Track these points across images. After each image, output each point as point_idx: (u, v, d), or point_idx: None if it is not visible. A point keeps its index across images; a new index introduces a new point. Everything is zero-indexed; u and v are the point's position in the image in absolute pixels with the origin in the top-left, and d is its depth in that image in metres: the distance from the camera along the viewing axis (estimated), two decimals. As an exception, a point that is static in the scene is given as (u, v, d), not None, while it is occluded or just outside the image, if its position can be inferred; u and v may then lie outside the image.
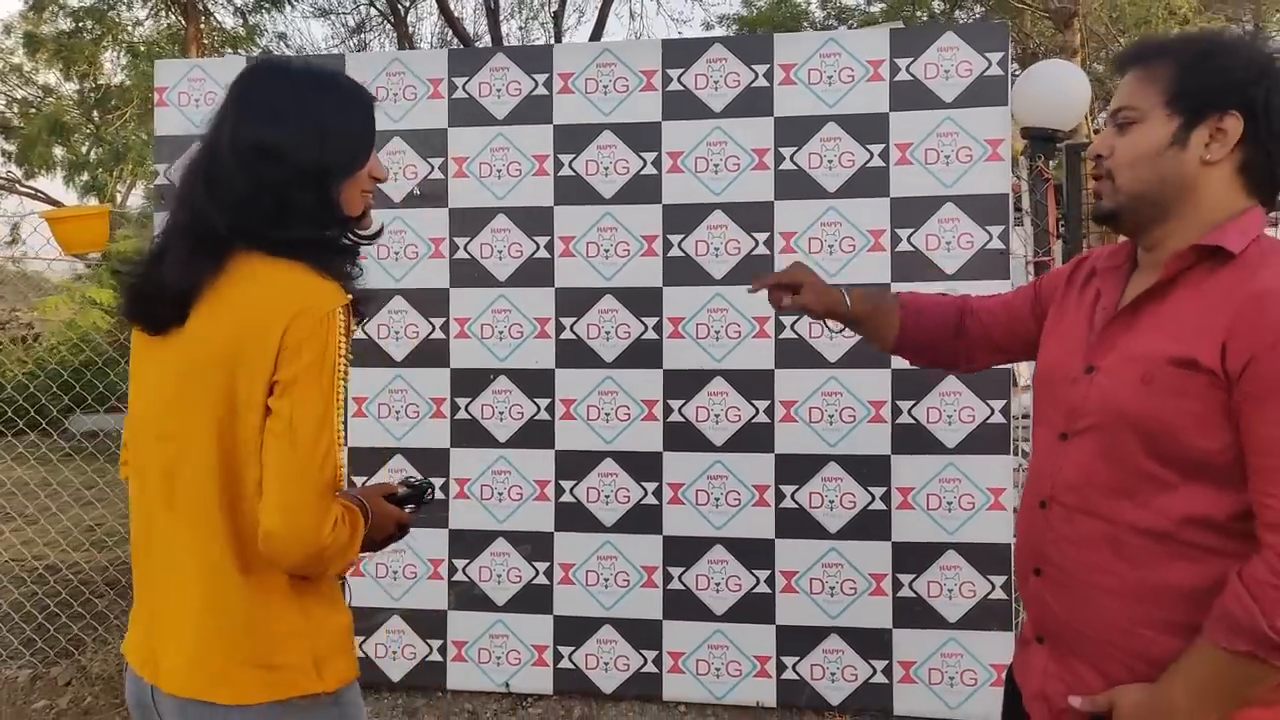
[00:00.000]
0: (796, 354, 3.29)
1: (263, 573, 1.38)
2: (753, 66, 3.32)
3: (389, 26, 17.62)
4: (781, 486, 3.31)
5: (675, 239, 3.37)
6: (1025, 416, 3.40)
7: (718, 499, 3.36)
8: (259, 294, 1.37)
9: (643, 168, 3.39)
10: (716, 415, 3.35)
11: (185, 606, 1.40)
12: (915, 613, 3.24)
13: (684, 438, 3.37)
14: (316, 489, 1.32)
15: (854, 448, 3.27)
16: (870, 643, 3.27)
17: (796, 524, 3.30)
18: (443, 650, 3.49)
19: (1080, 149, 3.57)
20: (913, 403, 3.23)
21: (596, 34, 15.50)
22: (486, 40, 15.93)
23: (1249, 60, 1.31)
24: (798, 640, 3.31)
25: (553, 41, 15.65)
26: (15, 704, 3.56)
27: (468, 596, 3.48)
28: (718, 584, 3.36)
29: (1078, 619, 1.38)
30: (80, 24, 17.26)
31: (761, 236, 3.32)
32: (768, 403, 3.31)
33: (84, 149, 20.77)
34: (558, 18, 16.35)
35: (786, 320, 3.29)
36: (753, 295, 1.98)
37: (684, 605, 3.37)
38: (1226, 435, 1.23)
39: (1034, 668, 1.46)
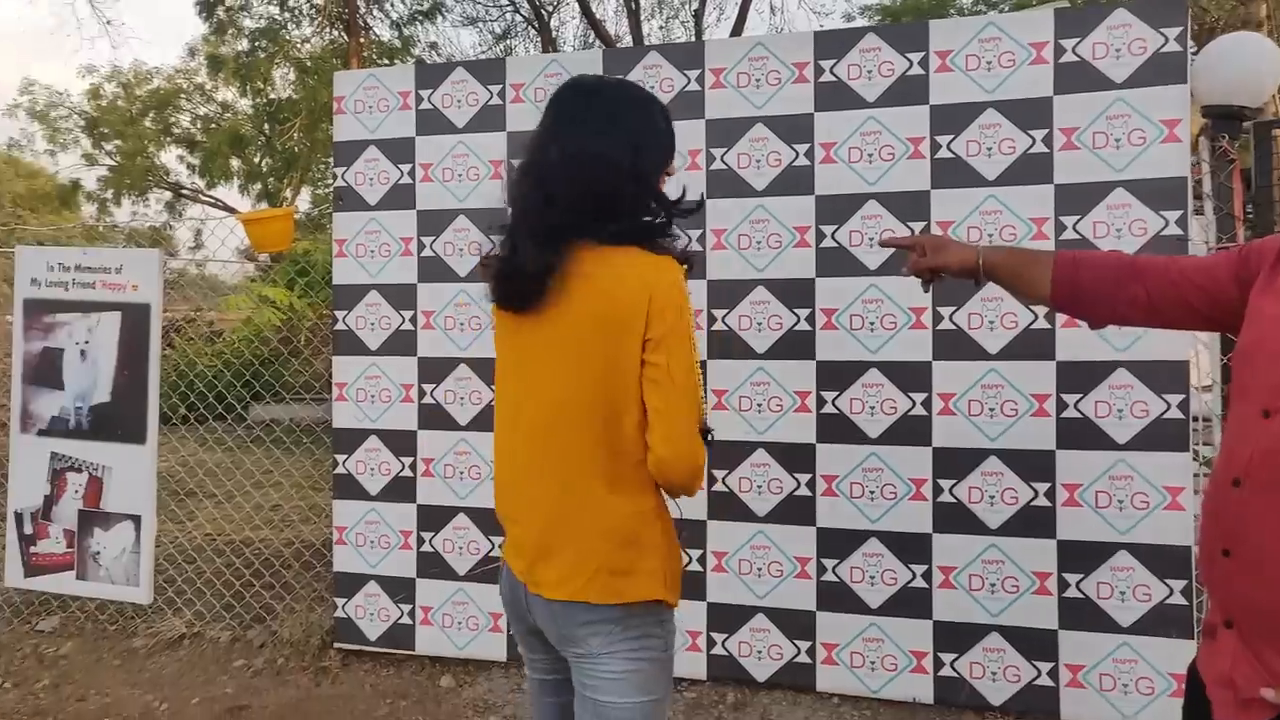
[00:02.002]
0: (955, 346, 3.24)
1: (633, 498, 1.68)
2: (907, 55, 3.29)
3: (533, 32, 18.08)
4: (939, 480, 3.26)
5: (828, 230, 3.37)
6: (1204, 419, 3.25)
7: (873, 492, 3.33)
8: (618, 274, 1.65)
9: (795, 159, 3.40)
10: (871, 407, 3.33)
11: (577, 527, 1.69)
12: (1084, 614, 3.13)
13: (838, 430, 3.36)
14: (692, 421, 1.64)
15: (1016, 442, 3.19)
16: (1034, 643, 3.18)
17: (955, 519, 3.24)
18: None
19: (1273, 126, 3.37)
20: (1079, 396, 3.12)
21: (737, 30, 15.46)
22: (628, 41, 16.11)
23: None
24: (956, 637, 3.25)
25: (693, 39, 15.70)
26: (219, 661, 3.90)
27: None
28: (872, 577, 3.34)
29: (1270, 601, 1.32)
30: (255, 44, 18.42)
31: (917, 226, 3.27)
32: (925, 395, 3.27)
33: (257, 159, 22.19)
34: (698, 16, 16.40)
35: (945, 311, 3.23)
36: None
37: (838, 597, 3.37)
38: None
39: (1220, 653, 1.41)
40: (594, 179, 1.66)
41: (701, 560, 3.50)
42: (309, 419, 8.82)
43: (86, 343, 3.74)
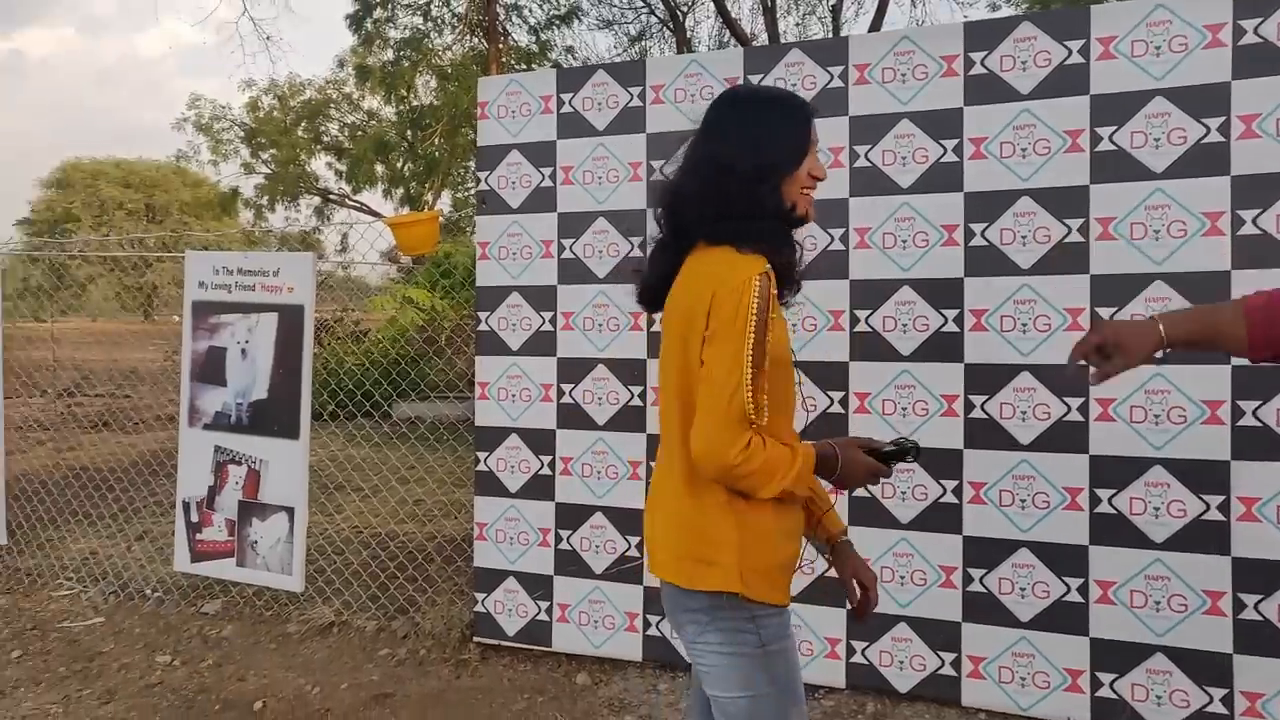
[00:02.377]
0: (1115, 348, 3.06)
1: (700, 492, 1.75)
2: (1065, 43, 3.13)
3: (668, 33, 18.12)
4: (1097, 490, 3.09)
5: (978, 228, 3.24)
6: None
7: (1024, 500, 3.19)
8: (700, 275, 1.74)
9: (943, 155, 3.28)
10: (1023, 412, 3.19)
11: (665, 513, 1.83)
12: (1263, 638, 2.92)
13: (987, 435, 3.23)
14: (724, 418, 1.64)
15: (1184, 451, 2.99)
16: (1205, 666, 2.98)
17: (1114, 531, 3.07)
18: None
19: None
20: (1259, 403, 2.91)
21: (876, 24, 15.11)
22: (763, 39, 15.98)
23: None
24: (1116, 656, 3.08)
25: (830, 35, 15.43)
26: (365, 649, 4.05)
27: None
28: (1023, 589, 3.19)
29: None
30: (400, 53, 19.11)
31: (1074, 224, 3.12)
32: (1081, 400, 3.11)
33: (400, 164, 23.03)
34: (836, 11, 16.11)
35: (1105, 312, 3.07)
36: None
37: (985, 609, 3.24)
38: None
39: None
40: (707, 182, 1.75)
41: (841, 566, 3.42)
42: (451, 417, 9.08)
43: (247, 342, 3.95)
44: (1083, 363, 1.70)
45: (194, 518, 4.05)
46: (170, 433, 8.25)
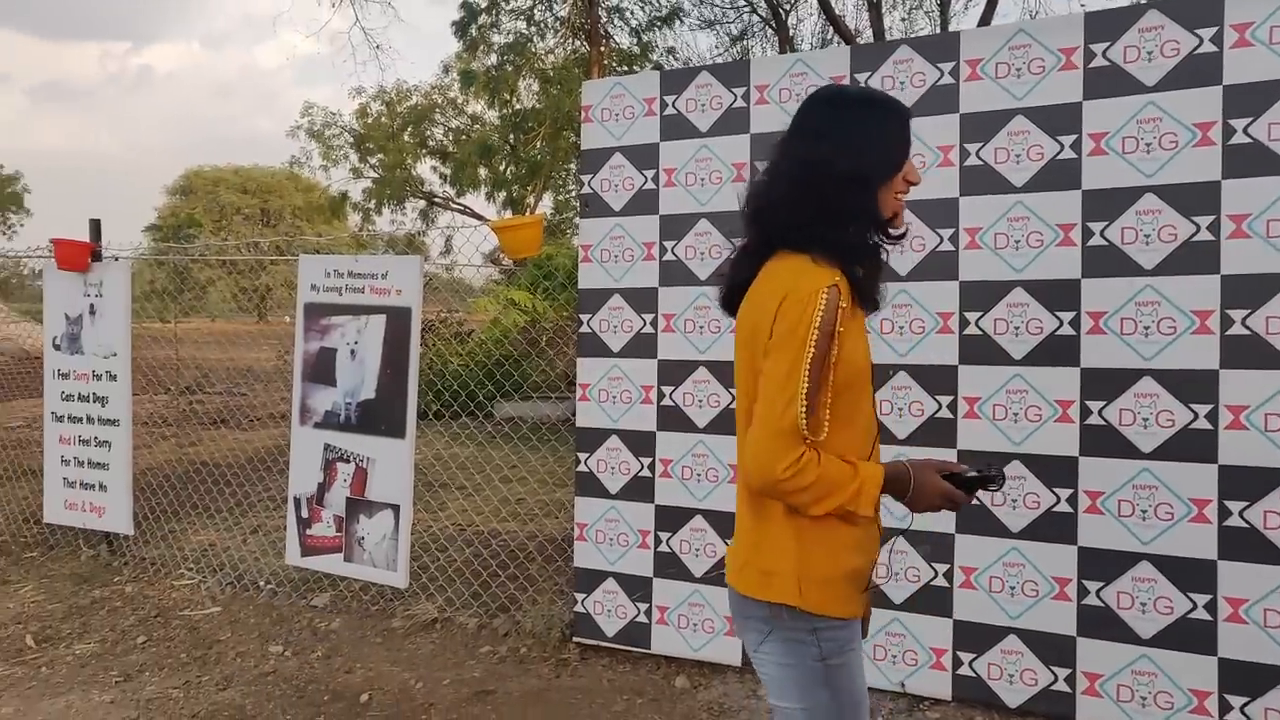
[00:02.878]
0: (1248, 352, 2.90)
1: (760, 501, 1.73)
2: (1196, 31, 2.98)
3: (769, 31, 17.97)
4: (1227, 503, 2.93)
5: (1096, 227, 3.11)
6: None
7: (1144, 511, 3.05)
8: (770, 284, 1.70)
9: (1059, 152, 3.16)
10: (1145, 419, 3.05)
11: (738, 520, 1.84)
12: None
13: (1104, 442, 3.10)
14: (775, 431, 1.59)
15: (1323, 462, 2.82)
16: (1341, 690, 2.80)
17: (1246, 545, 2.90)
18: (838, 645, 3.49)
19: None
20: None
21: (986, 18, 14.68)
22: (868, 36, 15.70)
23: None
24: (1250, 677, 2.91)
25: (938, 30, 15.06)
26: (467, 645, 4.12)
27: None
28: (1143, 604, 3.05)
29: None
30: (504, 58, 19.44)
31: (1204, 221, 2.96)
32: (1210, 407, 2.95)
33: (502, 168, 23.44)
34: (944, 6, 15.72)
35: (1236, 315, 2.91)
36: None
37: (1102, 623, 3.10)
38: None
39: None
40: (799, 184, 1.68)
41: (948, 575, 3.33)
42: (551, 417, 9.18)
43: (356, 343, 4.06)
44: None
45: (304, 514, 4.18)
46: (281, 430, 8.56)
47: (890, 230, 1.75)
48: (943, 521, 3.31)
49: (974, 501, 1.84)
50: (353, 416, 4.06)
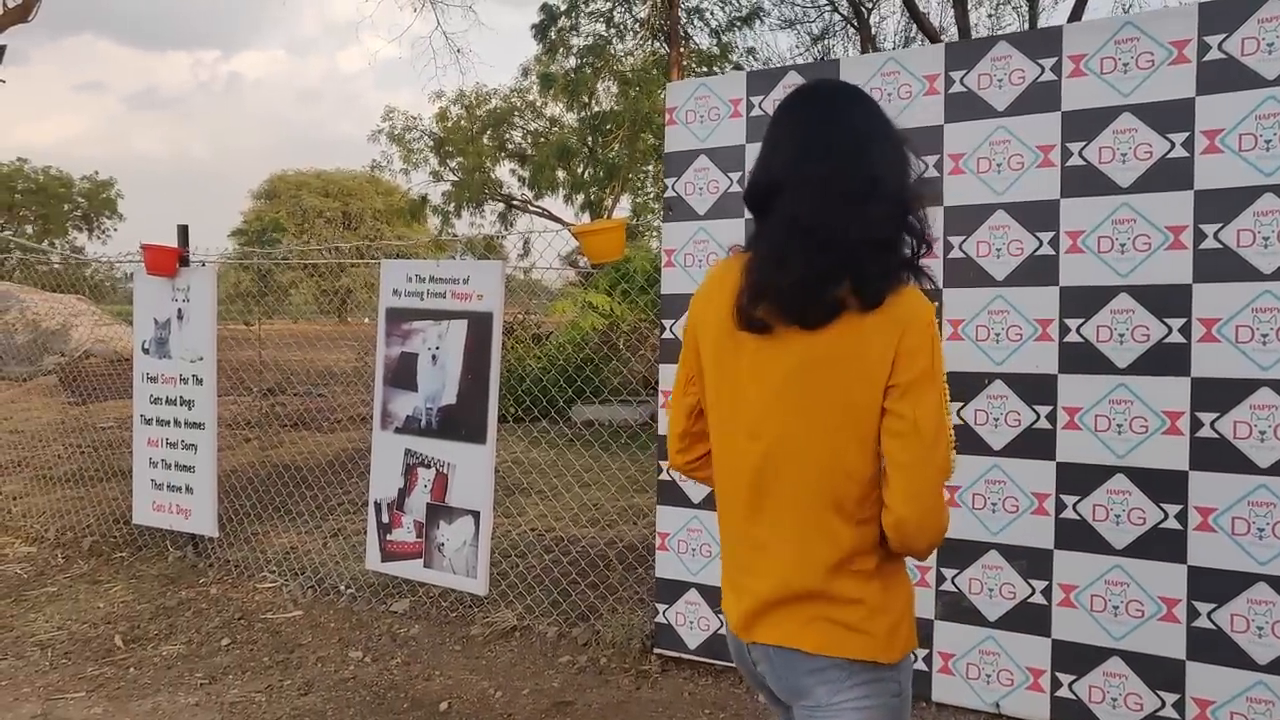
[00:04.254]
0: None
1: (844, 550, 1.54)
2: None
3: (851, 30, 17.72)
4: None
5: (1210, 229, 2.95)
6: None
7: (1261, 529, 2.88)
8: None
9: (1169, 150, 3.01)
10: (1262, 431, 2.88)
11: (783, 578, 1.59)
12: None
13: (1217, 456, 2.94)
14: (940, 478, 1.48)
15: None
16: None
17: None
18: (928, 660, 3.38)
19: None
20: None
21: (1077, 14, 14.26)
22: (953, 33, 15.36)
23: None
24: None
25: (1026, 26, 14.65)
26: (546, 655, 4.09)
27: (956, 608, 3.34)
28: (1260, 627, 2.88)
29: None
30: (583, 60, 19.51)
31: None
32: (1335, 420, 2.77)
33: (580, 170, 23.55)
34: (1033, 1, 15.30)
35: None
36: None
37: (1216, 646, 2.94)
38: None
39: None
40: (866, 206, 1.51)
41: (1046, 593, 3.19)
42: (630, 420, 9.15)
43: (437, 348, 4.05)
44: None
45: (385, 518, 4.20)
46: (361, 433, 8.68)
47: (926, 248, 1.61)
48: (1042, 536, 3.18)
49: None
50: (434, 422, 4.06)
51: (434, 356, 4.06)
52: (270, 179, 42.91)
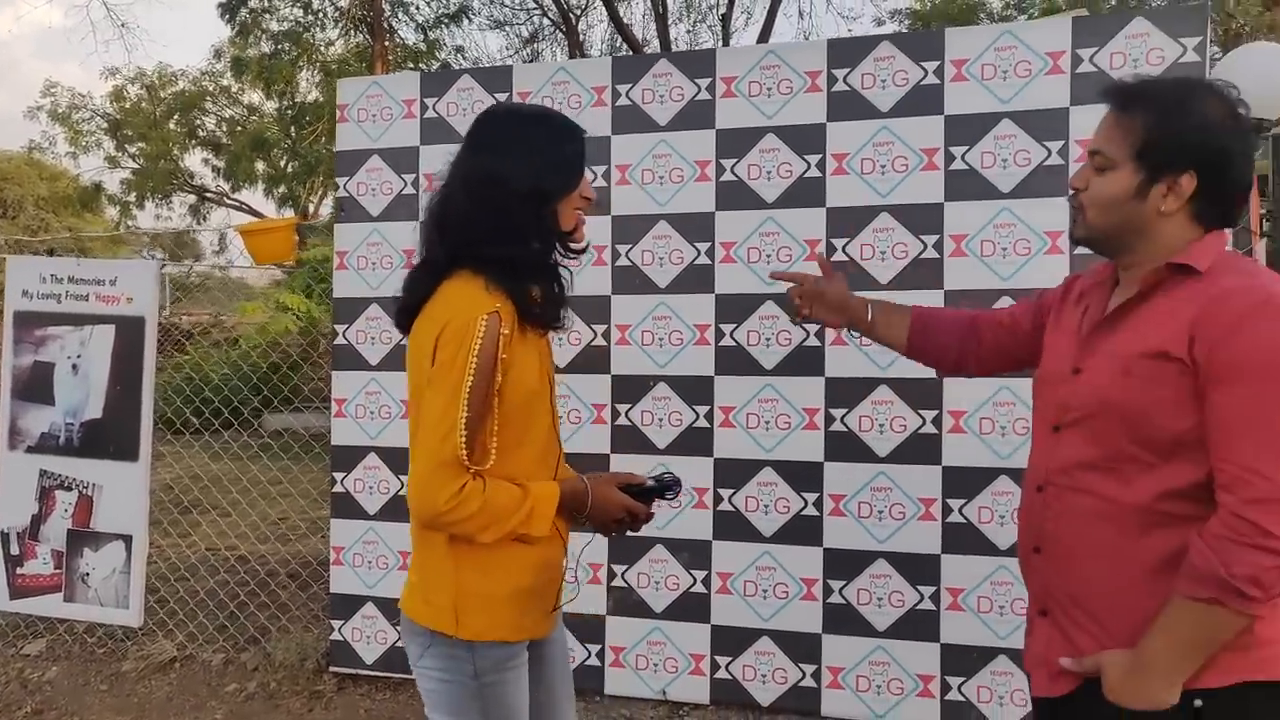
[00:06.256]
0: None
1: (427, 530, 1.71)
2: (922, 64, 3.19)
3: (560, 35, 18.00)
4: (949, 500, 3.16)
5: (839, 243, 3.27)
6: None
7: (881, 512, 3.24)
8: (436, 309, 1.68)
9: (806, 170, 3.31)
10: (881, 424, 3.23)
11: (411, 548, 1.83)
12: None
13: (845, 447, 3.27)
14: (434, 464, 1.60)
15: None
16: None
17: (964, 539, 3.14)
18: (600, 655, 3.50)
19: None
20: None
21: (764, 35, 15.34)
22: (655, 45, 16.03)
23: (1209, 119, 1.45)
24: (963, 659, 3.15)
25: (719, 44, 15.59)
26: (210, 684, 3.80)
27: (626, 602, 3.48)
28: (879, 599, 3.24)
29: (1073, 586, 1.55)
30: (279, 46, 18.41)
31: (930, 239, 3.18)
32: (935, 413, 3.17)
33: (281, 163, 22.25)
34: (725, 20, 16.27)
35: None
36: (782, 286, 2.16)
37: (844, 620, 3.27)
38: (1194, 416, 1.40)
39: (1037, 638, 1.62)
40: (488, 200, 1.67)
41: (706, 582, 3.41)
42: (322, 428, 8.77)
43: (79, 357, 3.68)
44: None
45: (15, 550, 3.74)
46: None
47: (571, 245, 1.79)
48: (701, 528, 3.39)
49: (653, 511, 1.84)
50: (75, 438, 3.68)
51: (75, 366, 3.68)
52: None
